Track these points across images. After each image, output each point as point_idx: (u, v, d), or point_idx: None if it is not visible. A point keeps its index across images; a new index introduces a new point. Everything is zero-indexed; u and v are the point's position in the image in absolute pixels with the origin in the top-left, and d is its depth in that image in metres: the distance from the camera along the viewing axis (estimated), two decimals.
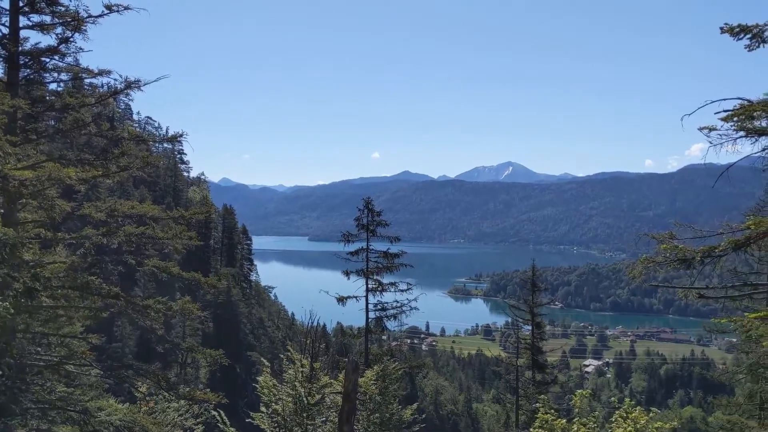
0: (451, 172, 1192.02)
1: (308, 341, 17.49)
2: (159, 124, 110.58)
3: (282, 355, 17.67)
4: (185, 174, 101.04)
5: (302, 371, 16.81)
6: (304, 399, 16.37)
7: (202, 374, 62.77)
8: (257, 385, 16.97)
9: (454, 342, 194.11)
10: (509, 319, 41.62)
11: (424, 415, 22.76)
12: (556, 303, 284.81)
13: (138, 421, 17.24)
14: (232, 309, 76.30)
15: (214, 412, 17.40)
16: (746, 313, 11.39)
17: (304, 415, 16.40)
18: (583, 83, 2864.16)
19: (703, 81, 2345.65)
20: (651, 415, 13.32)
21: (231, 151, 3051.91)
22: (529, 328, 33.09)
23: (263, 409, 16.60)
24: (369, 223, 25.87)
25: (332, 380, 17.67)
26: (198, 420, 23.42)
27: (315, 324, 18.32)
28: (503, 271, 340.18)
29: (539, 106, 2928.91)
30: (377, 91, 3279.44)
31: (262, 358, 20.31)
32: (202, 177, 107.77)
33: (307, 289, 78.98)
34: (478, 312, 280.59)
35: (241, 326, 77.56)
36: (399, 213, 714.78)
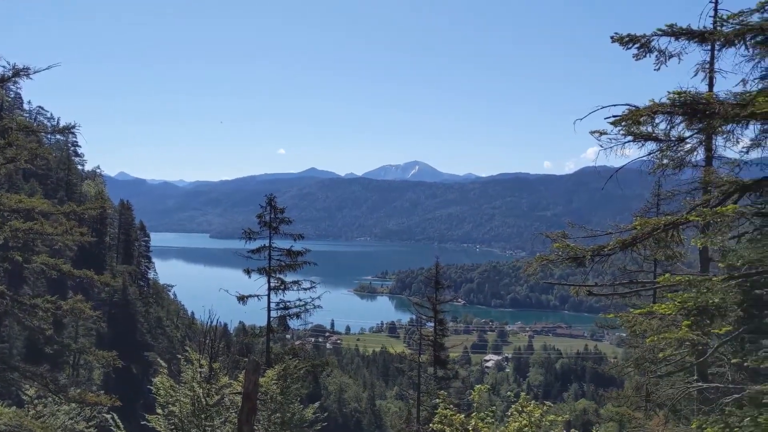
0: (358, 170, 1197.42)
1: (207, 341, 17.11)
2: (52, 114, 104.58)
3: (180, 356, 17.19)
4: (79, 167, 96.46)
5: (201, 371, 16.41)
6: (203, 400, 15.99)
7: (96, 376, 60.22)
8: (153, 387, 16.46)
9: (359, 340, 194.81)
10: (414, 317, 42.10)
11: (326, 414, 22.71)
12: (459, 300, 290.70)
13: (25, 425, 16.41)
14: (128, 308, 73.84)
15: (107, 415, 16.75)
16: (631, 309, 11.93)
17: (203, 416, 16.01)
18: (486, 87, 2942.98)
19: (596, 86, 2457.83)
20: (545, 408, 13.78)
21: (129, 144, 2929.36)
22: (432, 324, 33.49)
23: (159, 411, 16.10)
24: (272, 221, 25.50)
25: (232, 380, 17.37)
26: (90, 423, 22.47)
27: (215, 323, 17.92)
28: (409, 269, 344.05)
29: (444, 107, 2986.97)
30: (283, 85, 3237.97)
31: (159, 359, 19.69)
32: (98, 171, 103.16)
33: (207, 287, 77.31)
34: (383, 309, 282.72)
35: (138, 326, 75.08)
36: (305, 210, 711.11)
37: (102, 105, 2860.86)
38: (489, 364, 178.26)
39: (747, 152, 10.47)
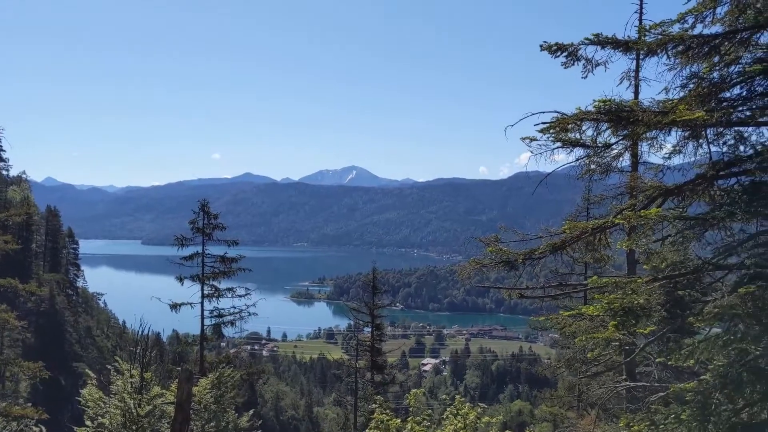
0: (294, 175, 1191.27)
1: (139, 350, 16.73)
2: None
3: (110, 366, 16.75)
4: (4, 173, 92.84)
5: (131, 382, 16.01)
6: (134, 411, 15.60)
7: (23, 388, 57.98)
8: (81, 399, 16.00)
9: (296, 346, 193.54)
10: (351, 322, 42.14)
11: (260, 422, 22.45)
12: (397, 304, 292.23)
13: None
14: (56, 317, 71.56)
15: (35, 428, 16.23)
16: (561, 312, 12.23)
17: (134, 427, 15.61)
18: (423, 93, 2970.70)
19: (528, 93, 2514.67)
20: (479, 410, 13.99)
21: (57, 148, 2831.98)
22: (370, 330, 33.54)
23: (89, 423, 15.65)
24: (205, 227, 25.14)
25: (165, 390, 17.03)
26: None
27: (146, 332, 17.52)
28: (346, 274, 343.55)
29: (382, 112, 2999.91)
30: (218, 87, 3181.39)
31: (88, 370, 19.14)
32: (24, 176, 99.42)
33: (139, 295, 75.49)
34: (321, 315, 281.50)
35: (66, 336, 72.84)
36: (240, 216, 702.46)
37: (26, 107, 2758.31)
38: (427, 367, 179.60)
39: (669, 158, 10.86)
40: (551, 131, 9.63)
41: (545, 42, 9.76)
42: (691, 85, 9.93)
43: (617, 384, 16.23)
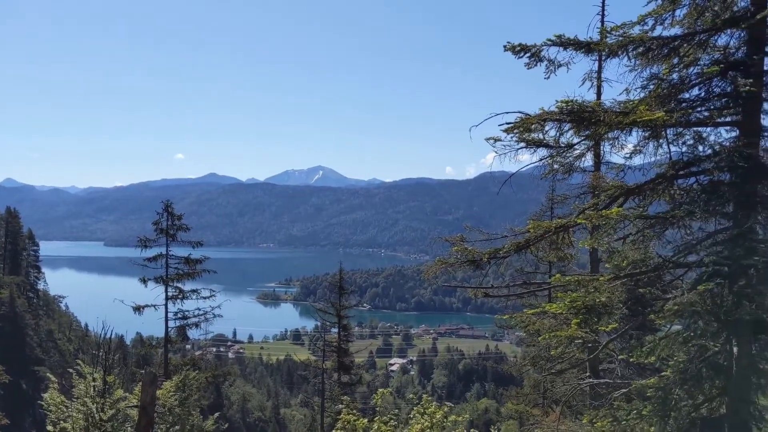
0: (260, 175, 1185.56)
1: (102, 353, 16.50)
2: None
3: (72, 370, 16.49)
4: None
5: (94, 385, 15.77)
6: (96, 415, 15.37)
7: None
8: (43, 403, 15.73)
9: (262, 348, 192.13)
10: (318, 323, 42.10)
11: (227, 424, 22.24)
12: (365, 305, 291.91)
13: None
14: (16, 321, 70.18)
15: None
16: (525, 310, 12.35)
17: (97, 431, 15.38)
18: (390, 92, 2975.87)
19: (496, 94, 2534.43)
20: (445, 409, 14.07)
21: (16, 148, 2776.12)
22: (337, 330, 33.48)
23: (50, 428, 15.40)
24: (169, 227, 24.83)
25: (128, 393, 16.86)
26: None
27: (109, 335, 17.28)
28: (313, 275, 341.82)
29: (348, 112, 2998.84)
30: (180, 86, 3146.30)
31: (49, 374, 18.80)
32: None
33: (102, 297, 74.16)
34: (287, 317, 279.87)
35: (27, 339, 71.43)
36: (205, 216, 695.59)
37: None
38: (394, 367, 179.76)
39: (631, 158, 11.03)
40: (515, 131, 9.70)
41: (509, 42, 9.83)
42: (652, 86, 10.09)
43: (581, 381, 16.45)
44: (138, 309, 24.49)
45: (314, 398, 36.14)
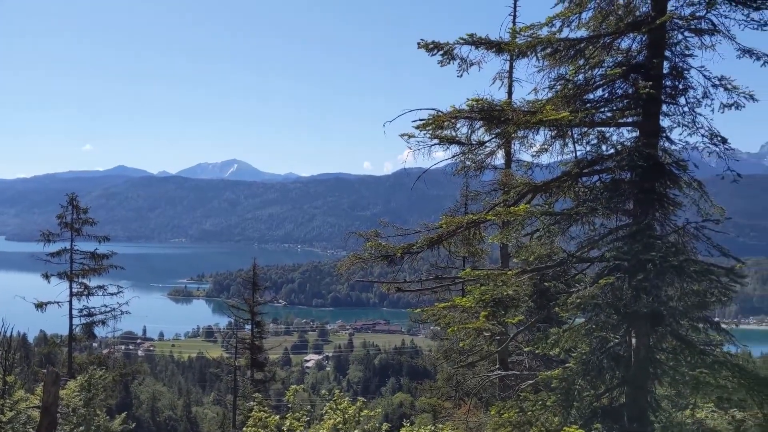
0: (172, 168, 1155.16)
1: (1, 353, 16.02)
2: None
3: None
4: None
5: None
6: None
7: None
8: None
9: (173, 346, 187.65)
10: (231, 320, 41.44)
11: (134, 424, 21.64)
12: (280, 301, 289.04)
13: None
14: None
15: None
16: (436, 304, 12.56)
17: None
18: (306, 86, 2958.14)
19: (414, 90, 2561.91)
20: (358, 404, 14.16)
21: None
22: (250, 327, 33.07)
23: None
24: (74, 221, 23.90)
25: (30, 394, 16.33)
26: None
27: (10, 333, 16.63)
28: (227, 271, 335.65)
29: (264, 104, 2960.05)
30: (86, 73, 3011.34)
31: None
32: None
33: (1, 294, 70.57)
34: (200, 313, 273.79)
35: None
36: (114, 210, 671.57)
37: None
38: (309, 363, 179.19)
39: (538, 156, 11.37)
40: (428, 128, 9.83)
41: (422, 40, 9.95)
42: (558, 87, 10.43)
43: (490, 373, 16.86)
44: (41, 306, 23.50)
45: (227, 396, 35.65)
